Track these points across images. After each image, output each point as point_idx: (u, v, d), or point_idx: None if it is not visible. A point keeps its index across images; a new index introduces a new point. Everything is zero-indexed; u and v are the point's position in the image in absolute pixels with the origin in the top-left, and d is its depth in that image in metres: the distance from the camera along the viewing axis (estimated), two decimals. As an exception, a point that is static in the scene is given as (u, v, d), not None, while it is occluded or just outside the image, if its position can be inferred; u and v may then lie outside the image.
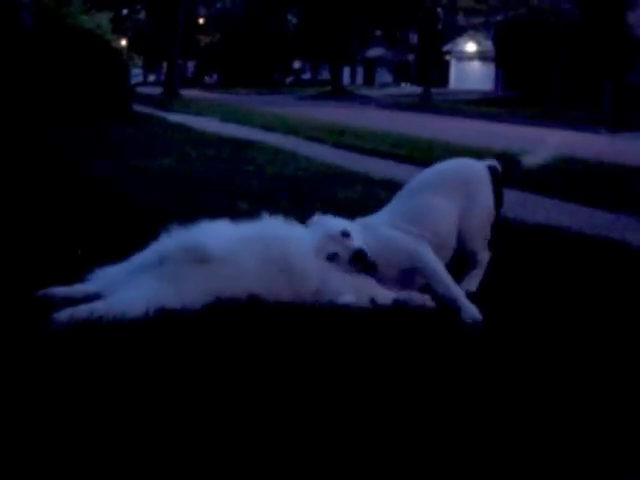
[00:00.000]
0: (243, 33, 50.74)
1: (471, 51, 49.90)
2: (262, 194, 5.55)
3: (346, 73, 53.57)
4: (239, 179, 6.40)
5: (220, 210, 4.35)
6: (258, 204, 4.89)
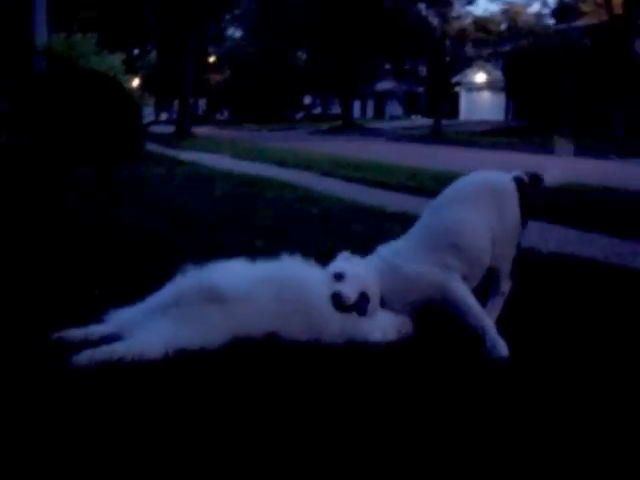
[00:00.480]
0: (253, 70, 51.33)
1: (480, 82, 50.19)
2: (276, 231, 5.56)
3: (356, 107, 53.98)
4: (253, 216, 6.42)
5: (236, 248, 4.37)
6: (273, 241, 4.91)
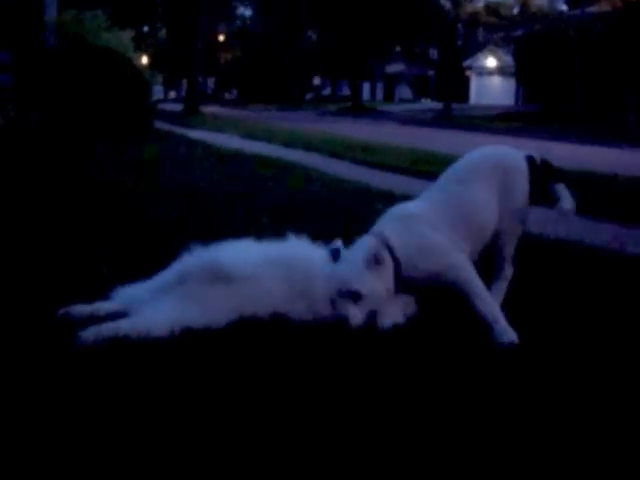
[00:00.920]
0: (263, 49, 51.09)
1: (491, 66, 49.88)
2: (284, 211, 5.54)
3: (366, 89, 53.70)
4: (261, 196, 6.40)
5: (243, 227, 4.35)
6: (280, 221, 4.90)
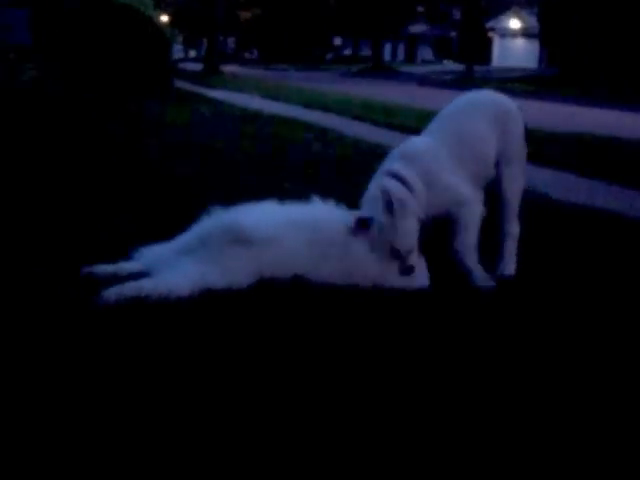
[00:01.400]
0: (284, 9, 50.53)
1: (515, 28, 49.11)
2: (306, 173, 5.52)
3: (387, 49, 53.14)
4: (282, 158, 6.38)
5: (264, 190, 4.33)
6: (303, 184, 4.87)
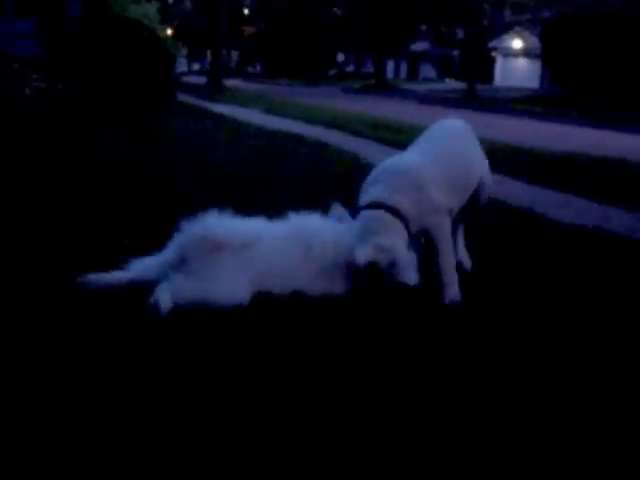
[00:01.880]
0: (287, 24, 50.77)
1: (517, 48, 49.31)
2: (305, 190, 5.48)
3: (390, 67, 53.29)
4: (282, 173, 6.35)
5: (262, 203, 4.31)
6: (301, 199, 4.84)
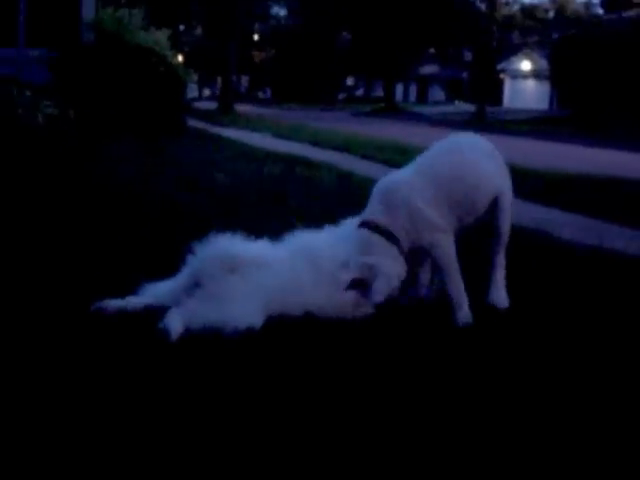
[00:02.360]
0: (297, 49, 51.13)
1: (526, 69, 49.46)
2: (317, 214, 5.48)
3: (399, 90, 53.52)
4: (293, 198, 6.35)
5: (273, 227, 4.30)
6: (314, 225, 4.84)
